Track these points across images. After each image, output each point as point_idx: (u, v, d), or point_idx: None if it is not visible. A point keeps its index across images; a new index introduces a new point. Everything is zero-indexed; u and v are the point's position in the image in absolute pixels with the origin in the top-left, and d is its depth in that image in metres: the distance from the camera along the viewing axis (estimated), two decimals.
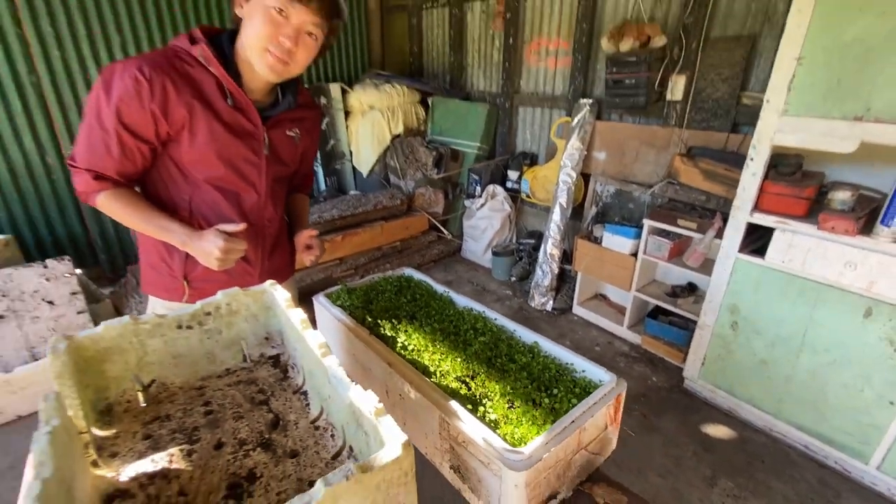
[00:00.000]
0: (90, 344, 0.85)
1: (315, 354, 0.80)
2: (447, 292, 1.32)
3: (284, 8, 0.94)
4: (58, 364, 0.78)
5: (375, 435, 0.63)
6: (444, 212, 3.78)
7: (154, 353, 0.93)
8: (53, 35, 2.79)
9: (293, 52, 0.99)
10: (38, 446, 0.58)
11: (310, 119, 1.23)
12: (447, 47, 4.15)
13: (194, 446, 0.81)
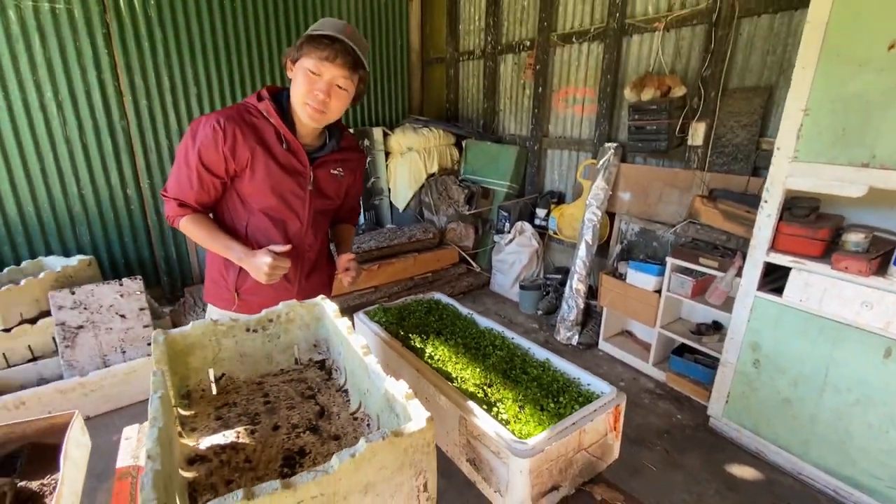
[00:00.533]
0: (180, 339, 1.06)
1: (358, 354, 0.97)
2: (471, 314, 1.47)
3: (317, 69, 1.16)
4: (158, 352, 0.99)
5: (405, 414, 0.78)
6: (473, 246, 3.97)
7: (226, 351, 1.13)
8: (143, 87, 3.27)
9: (327, 102, 1.19)
10: (153, 405, 0.78)
11: (353, 160, 1.43)
12: (481, 95, 4.47)
13: (256, 427, 0.99)
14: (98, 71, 3.11)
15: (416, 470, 0.74)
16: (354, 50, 1.17)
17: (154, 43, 3.27)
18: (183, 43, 3.38)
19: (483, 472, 0.95)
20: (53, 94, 3.00)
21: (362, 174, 1.53)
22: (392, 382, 0.86)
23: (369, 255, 3.35)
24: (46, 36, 2.92)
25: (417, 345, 1.27)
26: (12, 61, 2.85)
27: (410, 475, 0.73)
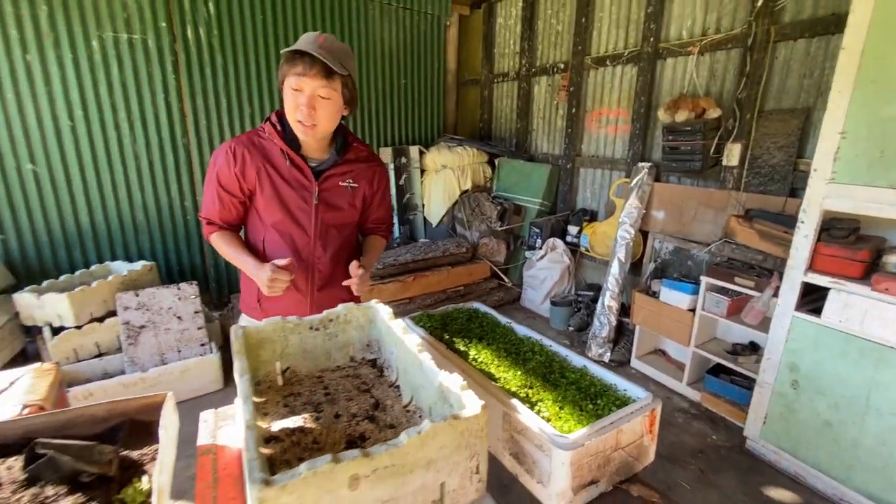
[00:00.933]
0: (255, 333, 1.19)
1: (412, 352, 1.08)
2: (510, 323, 1.56)
3: (297, 85, 1.22)
4: (237, 344, 1.12)
5: (460, 404, 0.88)
6: (505, 261, 4.05)
7: (291, 347, 1.26)
8: (204, 109, 3.57)
9: (313, 114, 1.24)
10: (243, 386, 0.90)
11: (366, 171, 1.45)
12: (514, 115, 4.60)
13: (319, 415, 1.10)
14: (165, 94, 3.42)
15: (471, 452, 0.83)
16: (324, 60, 1.18)
17: (215, 69, 3.57)
18: (240, 68, 3.68)
19: (526, 465, 1.02)
20: (126, 115, 3.32)
21: (385, 185, 1.54)
22: (446, 376, 0.95)
23: (406, 268, 3.48)
24: (123, 63, 3.24)
25: (461, 348, 1.37)
26: (93, 86, 3.18)
27: (466, 456, 0.82)
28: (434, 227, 4.57)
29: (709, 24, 2.88)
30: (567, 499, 0.94)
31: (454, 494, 0.83)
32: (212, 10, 3.49)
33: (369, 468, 0.71)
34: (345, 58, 1.26)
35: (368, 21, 4.31)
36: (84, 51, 3.11)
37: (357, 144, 1.46)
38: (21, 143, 3.04)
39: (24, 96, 3.00)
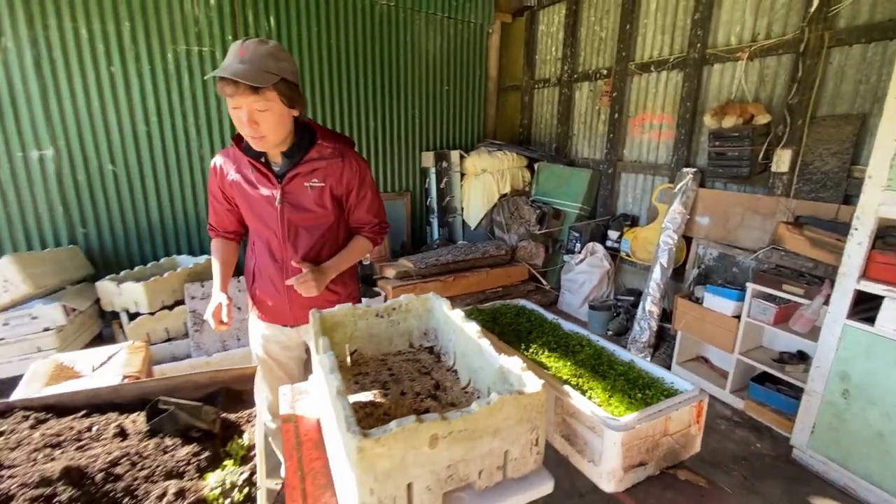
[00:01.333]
0: (329, 317, 1.33)
1: (472, 338, 1.18)
2: (556, 319, 1.64)
3: (234, 104, 1.22)
4: (316, 325, 1.26)
5: (521, 383, 0.97)
6: (543, 264, 4.10)
7: (359, 331, 1.39)
8: None
9: (257, 128, 1.26)
10: (328, 361, 1.03)
11: (331, 168, 1.42)
12: (555, 120, 4.65)
13: (387, 392, 1.22)
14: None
15: (532, 426, 0.92)
16: (243, 81, 1.15)
17: None
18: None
19: (577, 446, 1.10)
20: (194, 121, 3.60)
21: (360, 183, 1.48)
22: (506, 359, 1.05)
23: (446, 268, 3.60)
24: (194, 74, 3.53)
25: (512, 339, 1.46)
26: (167, 94, 3.48)
27: (527, 429, 0.92)
28: (472, 229, 4.67)
29: (759, 29, 2.85)
30: (617, 477, 1.01)
31: (516, 462, 0.93)
32: (272, 23, 3.75)
33: (446, 430, 0.82)
34: (270, 62, 1.21)
35: (415, 31, 4.49)
36: (160, 63, 3.42)
37: (324, 142, 1.42)
38: (104, 146, 3.36)
39: (108, 104, 3.33)
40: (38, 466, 0.80)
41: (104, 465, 0.82)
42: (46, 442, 0.89)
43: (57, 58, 3.15)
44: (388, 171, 4.69)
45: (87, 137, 3.31)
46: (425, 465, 0.82)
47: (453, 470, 0.86)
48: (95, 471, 0.80)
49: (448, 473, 0.86)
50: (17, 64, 3.07)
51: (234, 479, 0.85)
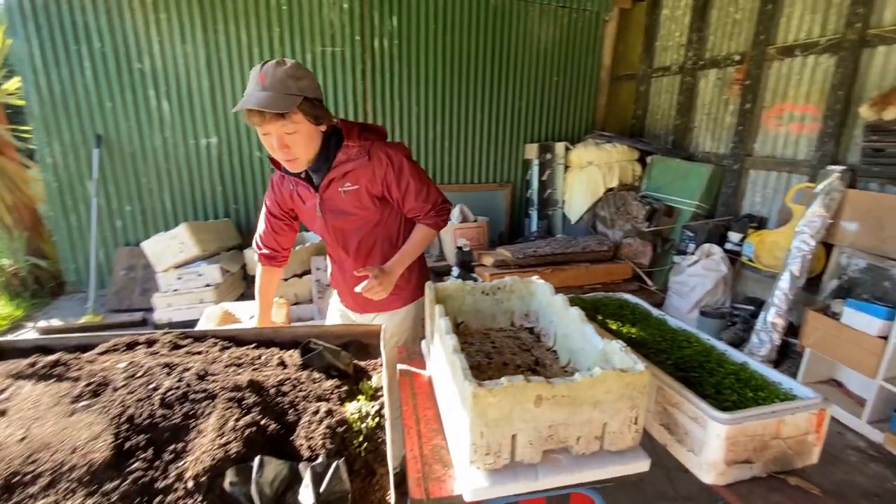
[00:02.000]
0: (441, 290, 1.48)
1: (576, 321, 1.24)
2: (663, 315, 1.61)
3: (263, 131, 1.24)
4: (431, 294, 1.41)
5: (623, 363, 1.02)
6: (649, 264, 3.90)
7: (466, 305, 1.52)
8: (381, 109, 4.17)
9: (289, 150, 1.27)
10: (444, 324, 1.17)
11: (361, 170, 1.41)
12: (673, 111, 4.35)
13: (490, 361, 1.33)
14: (354, 97, 4.08)
15: (632, 404, 0.97)
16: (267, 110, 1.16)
17: (392, 74, 4.15)
18: (412, 72, 4.20)
19: (677, 435, 1.11)
20: None
21: (397, 174, 1.43)
22: (609, 342, 1.10)
23: (544, 260, 3.61)
24: (326, 72, 3.98)
25: (614, 328, 1.48)
26: None
27: (627, 406, 0.96)
28: (573, 223, 4.59)
29: None
30: (718, 469, 1.01)
31: (613, 436, 0.98)
32: (395, 23, 4.05)
33: (550, 393, 0.91)
34: (291, 83, 1.20)
35: (527, 23, 4.50)
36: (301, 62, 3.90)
37: (349, 142, 1.39)
38: (253, 136, 3.95)
39: None
40: (230, 377, 1.06)
41: (274, 383, 1.05)
42: (232, 361, 1.16)
43: (223, 59, 3.77)
44: (491, 163, 4.79)
45: (241, 128, 3.91)
46: (529, 421, 0.92)
47: (554, 431, 0.94)
48: (269, 386, 1.04)
49: (549, 433, 0.94)
50: (194, 65, 3.73)
51: (368, 409, 1.03)
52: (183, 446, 0.88)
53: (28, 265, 3.85)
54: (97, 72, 3.57)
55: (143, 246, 3.33)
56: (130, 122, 3.71)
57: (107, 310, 3.55)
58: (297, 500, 0.79)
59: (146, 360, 1.07)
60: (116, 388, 0.96)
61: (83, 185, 3.74)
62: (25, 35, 3.42)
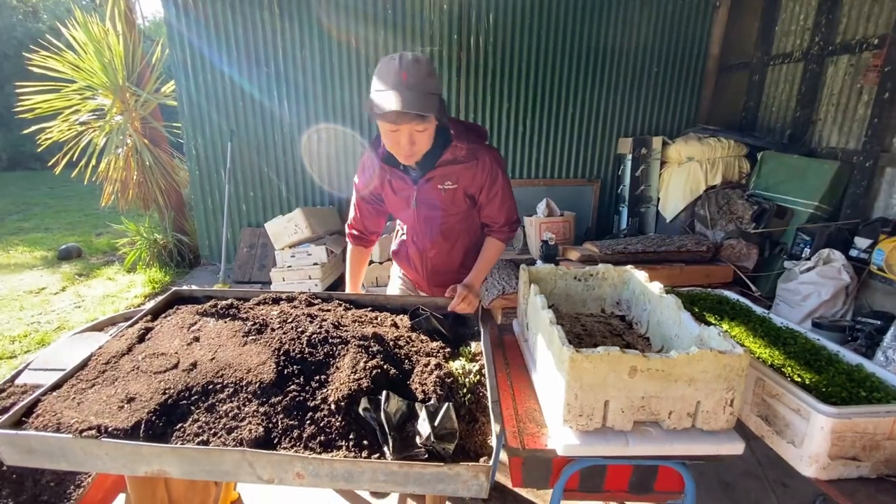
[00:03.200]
0: (534, 273, 1.57)
1: (672, 307, 1.26)
2: (767, 313, 1.55)
3: (396, 128, 1.26)
4: (525, 275, 1.52)
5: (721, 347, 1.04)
6: (754, 268, 3.61)
7: (558, 289, 1.60)
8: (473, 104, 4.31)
9: (414, 148, 1.30)
10: (538, 301, 1.26)
11: (464, 172, 1.44)
12: (793, 102, 3.95)
13: (581, 342, 1.40)
14: (448, 93, 4.27)
15: (728, 386, 0.99)
16: (413, 111, 1.19)
17: (486, 70, 4.27)
18: (506, 68, 4.28)
19: (776, 427, 1.10)
20: None
21: (492, 181, 1.49)
22: (706, 328, 1.12)
23: (634, 258, 3.51)
24: None
25: (713, 321, 1.47)
26: None
27: (723, 388, 0.99)
28: (668, 222, 4.37)
29: None
30: (820, 463, 0.99)
31: (706, 415, 1.01)
32: (491, 20, 4.16)
33: (645, 365, 0.97)
34: (430, 82, 1.23)
35: (627, 14, 4.35)
36: None
37: (458, 143, 1.41)
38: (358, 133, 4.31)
39: (364, 98, 4.23)
40: (358, 329, 1.25)
41: (391, 338, 1.23)
42: (356, 319, 1.36)
43: (335, 62, 4.16)
44: (580, 158, 4.72)
45: (348, 125, 4.29)
46: (622, 390, 0.99)
47: (646, 402, 1.00)
48: (388, 339, 1.22)
49: (641, 404, 1.01)
50: (310, 68, 4.17)
51: (470, 368, 1.17)
52: (325, 377, 1.08)
53: (174, 240, 4.59)
54: (233, 75, 4.15)
55: (266, 226, 3.83)
56: (257, 118, 4.26)
57: (232, 280, 4.13)
58: (415, 430, 0.95)
59: (292, 311, 1.30)
60: (273, 329, 1.20)
61: (218, 173, 4.37)
62: (181, 45, 4.08)
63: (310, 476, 0.91)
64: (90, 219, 7.07)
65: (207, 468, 0.92)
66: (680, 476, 1.10)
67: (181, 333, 1.21)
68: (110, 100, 4.38)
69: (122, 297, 3.92)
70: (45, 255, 5.19)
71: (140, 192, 4.52)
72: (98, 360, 1.15)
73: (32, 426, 0.96)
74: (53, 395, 1.04)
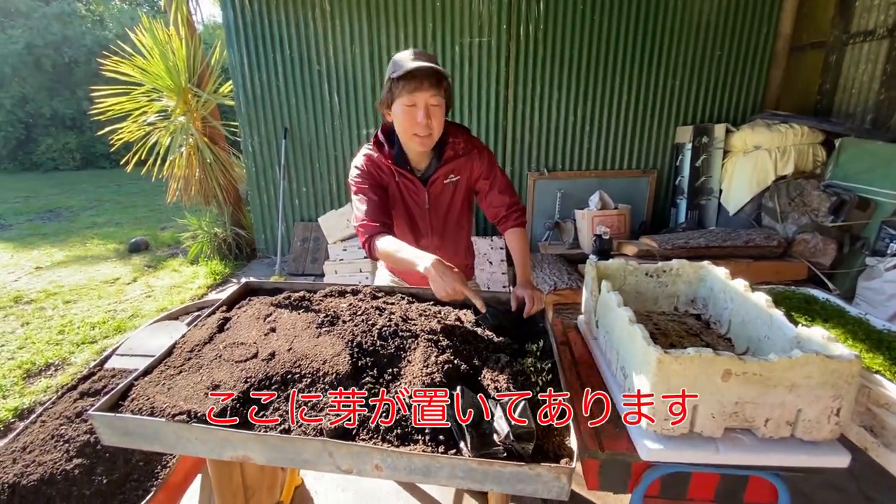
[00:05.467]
0: (602, 268, 1.50)
1: (761, 307, 1.17)
2: (863, 314, 1.42)
3: (411, 101, 1.29)
4: (593, 271, 1.46)
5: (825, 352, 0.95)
6: (831, 265, 3.33)
7: (627, 285, 1.53)
8: (522, 96, 4.23)
9: (430, 124, 1.32)
10: (614, 298, 1.21)
11: (465, 164, 1.51)
12: (876, 84, 3.60)
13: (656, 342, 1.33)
14: (497, 84, 4.20)
15: (835, 394, 0.90)
16: (434, 67, 1.27)
17: (536, 59, 4.16)
18: (556, 57, 4.16)
19: (884, 439, 1.00)
20: (468, 103, 4.26)
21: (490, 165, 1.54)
22: (805, 329, 1.03)
23: (695, 252, 3.33)
24: (472, 62, 4.16)
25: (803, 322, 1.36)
26: (452, 80, 4.20)
27: (829, 395, 0.91)
28: (731, 215, 4.11)
29: None
30: None
31: (808, 424, 0.93)
32: (541, 8, 4.04)
33: (740, 369, 0.90)
34: (437, 62, 1.34)
35: None
36: (450, 54, 4.14)
37: (453, 139, 1.49)
38: None
39: None
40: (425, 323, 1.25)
41: (460, 332, 1.22)
42: (421, 312, 1.36)
43: (384, 56, 4.19)
44: (634, 148, 4.52)
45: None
46: (713, 394, 0.92)
47: (740, 408, 0.94)
48: (457, 334, 1.20)
49: (734, 410, 0.94)
50: (360, 63, 4.22)
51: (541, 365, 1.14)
52: (397, 370, 1.08)
53: (232, 233, 4.81)
54: (286, 74, 4.27)
55: (320, 220, 3.94)
56: (309, 115, 4.37)
57: (287, 273, 4.28)
58: (491, 427, 0.94)
59: (360, 304, 1.32)
60: (345, 322, 1.21)
61: (273, 169, 4.53)
62: (238, 47, 4.24)
63: (388, 469, 0.91)
64: (155, 214, 7.55)
65: (290, 456, 0.95)
66: (772, 487, 1.02)
67: (258, 324, 1.25)
68: (174, 101, 4.63)
69: (187, 287, 4.16)
70: (117, 247, 5.59)
71: (201, 189, 4.76)
72: (183, 347, 1.21)
73: (128, 409, 1.02)
74: (145, 381, 1.10)
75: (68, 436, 1.23)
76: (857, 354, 0.89)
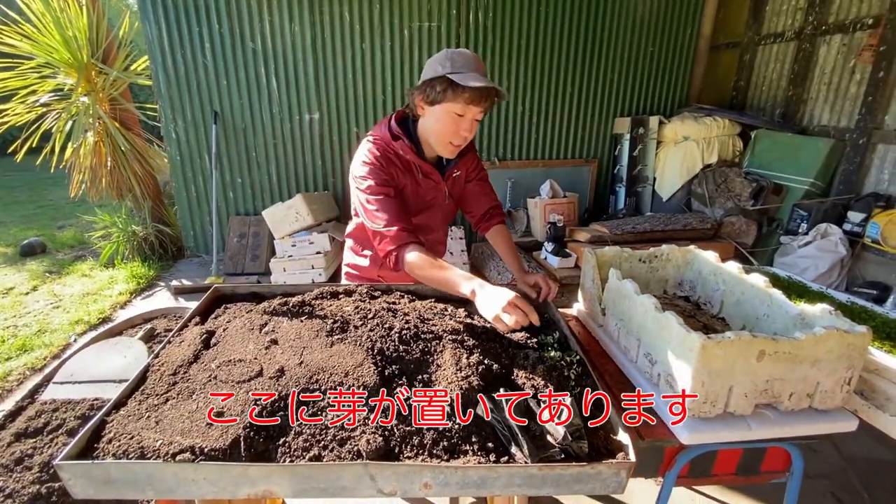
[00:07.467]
0: (600, 255, 1.52)
1: (758, 286, 1.24)
2: (822, 288, 1.57)
3: (462, 111, 1.24)
4: (593, 260, 1.46)
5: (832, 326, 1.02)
6: (753, 244, 3.72)
7: (623, 272, 1.55)
8: None
9: (469, 134, 1.30)
10: (631, 286, 1.21)
11: (467, 161, 1.53)
12: (784, 81, 4.05)
13: None
14: None
15: (848, 365, 0.98)
16: (498, 89, 1.25)
17: (485, 47, 4.13)
18: (505, 46, 4.16)
19: (875, 401, 1.11)
20: None
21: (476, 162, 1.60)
22: (807, 305, 1.10)
23: (642, 237, 3.55)
24: (422, 47, 4.03)
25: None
26: (401, 67, 4.06)
27: (843, 367, 0.97)
28: (664, 201, 4.44)
29: None
30: None
31: (824, 395, 1.00)
32: None
33: (773, 349, 0.94)
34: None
35: None
36: (398, 38, 3.98)
37: None
38: (352, 112, 4.11)
39: (358, 76, 4.04)
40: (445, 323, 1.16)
41: (482, 330, 1.15)
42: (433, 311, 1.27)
43: (327, 37, 3.92)
44: (578, 138, 4.70)
45: (342, 105, 4.09)
46: (748, 375, 0.96)
47: (769, 385, 0.98)
48: (479, 331, 1.14)
49: (764, 387, 0.98)
50: (300, 44, 3.91)
51: (569, 359, 1.11)
52: (428, 377, 0.99)
53: (154, 231, 4.29)
54: (216, 52, 3.84)
55: (265, 214, 3.62)
56: (243, 99, 3.98)
57: (224, 273, 3.90)
58: (542, 429, 0.89)
59: (367, 305, 1.20)
60: (357, 327, 1.10)
61: (202, 158, 4.08)
62: (155, 18, 3.73)
63: (438, 485, 0.83)
64: (47, 210, 6.53)
65: (323, 485, 0.83)
66: (784, 456, 1.09)
67: (253, 336, 1.08)
68: (74, 78, 3.98)
69: (105, 294, 3.64)
70: (5, 251, 4.75)
71: (113, 181, 4.16)
72: (161, 371, 1.02)
73: (107, 453, 0.84)
74: (120, 415, 0.91)
75: (10, 489, 0.99)
76: (868, 327, 0.96)
